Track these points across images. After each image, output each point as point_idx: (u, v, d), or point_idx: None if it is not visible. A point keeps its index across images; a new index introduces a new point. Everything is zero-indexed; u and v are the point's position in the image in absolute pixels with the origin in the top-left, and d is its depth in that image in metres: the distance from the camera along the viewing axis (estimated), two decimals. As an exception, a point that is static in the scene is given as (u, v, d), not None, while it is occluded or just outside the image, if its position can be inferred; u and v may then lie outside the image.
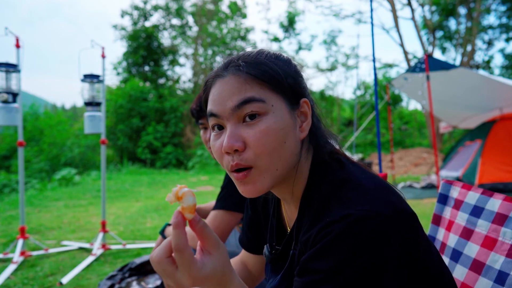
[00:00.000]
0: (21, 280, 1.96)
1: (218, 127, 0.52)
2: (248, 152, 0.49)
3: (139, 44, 12.50)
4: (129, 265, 1.94)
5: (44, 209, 4.22)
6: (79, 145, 11.28)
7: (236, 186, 0.53)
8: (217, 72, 0.54)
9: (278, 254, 0.60)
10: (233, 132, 0.49)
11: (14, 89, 2.26)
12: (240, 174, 0.50)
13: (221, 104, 0.50)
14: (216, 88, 0.52)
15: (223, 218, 1.06)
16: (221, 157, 0.52)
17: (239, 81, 0.50)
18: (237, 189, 1.11)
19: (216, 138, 0.52)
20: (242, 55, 0.54)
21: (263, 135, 0.48)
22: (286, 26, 13.35)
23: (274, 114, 0.49)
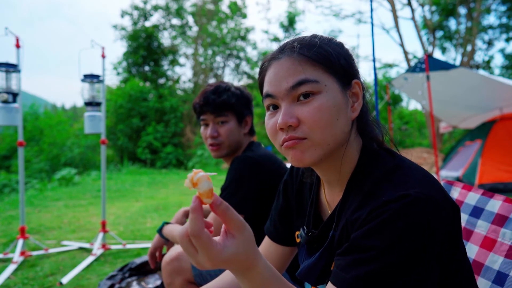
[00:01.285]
0: (21, 280, 1.96)
1: (273, 107, 0.56)
2: (302, 127, 0.52)
3: (139, 44, 12.50)
4: (129, 265, 1.94)
5: (44, 209, 4.22)
6: (79, 145, 11.28)
7: (287, 158, 0.55)
8: (273, 55, 0.57)
9: (316, 236, 0.61)
10: (288, 109, 0.53)
11: (14, 89, 2.26)
12: (291, 142, 0.52)
13: (277, 85, 0.54)
14: (271, 70, 0.56)
15: (218, 219, 1.03)
16: (274, 134, 0.55)
17: (294, 62, 0.53)
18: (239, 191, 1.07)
19: (271, 117, 0.56)
20: (297, 39, 0.57)
21: (316, 112, 0.51)
22: (286, 26, 13.34)
23: (327, 93, 0.52)
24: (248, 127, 1.22)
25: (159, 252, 1.18)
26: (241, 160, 1.10)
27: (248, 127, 1.22)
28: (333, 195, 0.61)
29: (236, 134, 1.18)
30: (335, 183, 0.60)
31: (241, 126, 1.20)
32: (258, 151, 1.16)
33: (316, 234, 0.61)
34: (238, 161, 1.11)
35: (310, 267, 0.57)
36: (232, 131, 1.17)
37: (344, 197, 0.56)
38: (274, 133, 0.55)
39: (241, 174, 1.07)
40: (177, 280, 1.09)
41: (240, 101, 1.18)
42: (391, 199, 0.45)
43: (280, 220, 0.73)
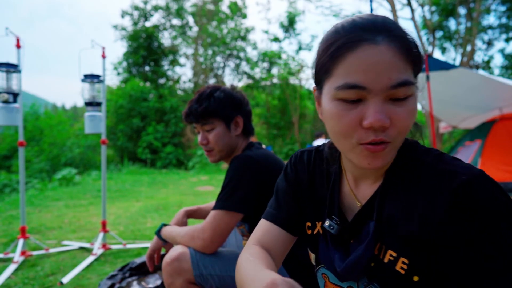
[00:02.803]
0: (21, 280, 1.96)
1: (352, 100, 0.47)
2: (392, 129, 0.47)
3: (139, 44, 12.51)
4: (130, 265, 1.94)
5: (45, 209, 4.23)
6: (79, 145, 11.29)
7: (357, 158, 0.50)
8: (363, 33, 0.46)
9: (349, 227, 0.57)
10: (382, 108, 0.46)
11: (14, 89, 2.26)
12: (379, 147, 0.47)
13: (375, 78, 0.45)
14: (366, 55, 0.45)
15: (223, 218, 1.03)
16: (351, 132, 0.48)
17: (396, 56, 0.45)
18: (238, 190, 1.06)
19: (348, 109, 0.47)
20: (385, 20, 0.48)
21: (409, 116, 0.47)
22: (286, 26, 13.34)
23: (415, 96, 0.49)
24: (240, 128, 1.19)
25: (157, 254, 1.18)
26: (240, 159, 1.09)
27: (239, 128, 1.19)
28: (362, 187, 0.58)
29: (225, 139, 1.16)
30: (368, 174, 0.57)
31: (231, 129, 1.17)
32: (258, 151, 1.15)
33: (349, 225, 0.57)
34: (237, 161, 1.10)
35: (356, 261, 0.52)
36: (221, 137, 1.15)
37: (384, 186, 0.53)
38: (352, 130, 0.48)
39: (241, 173, 1.06)
40: (177, 280, 1.08)
41: (225, 105, 1.15)
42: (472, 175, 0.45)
43: (290, 206, 0.67)
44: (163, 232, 1.15)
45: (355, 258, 0.52)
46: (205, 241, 1.02)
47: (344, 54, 0.46)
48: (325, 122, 0.53)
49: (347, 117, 0.47)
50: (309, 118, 13.73)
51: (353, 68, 0.46)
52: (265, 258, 0.59)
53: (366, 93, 0.46)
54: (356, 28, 0.46)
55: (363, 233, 0.54)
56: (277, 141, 13.11)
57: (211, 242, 1.02)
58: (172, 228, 1.13)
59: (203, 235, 1.02)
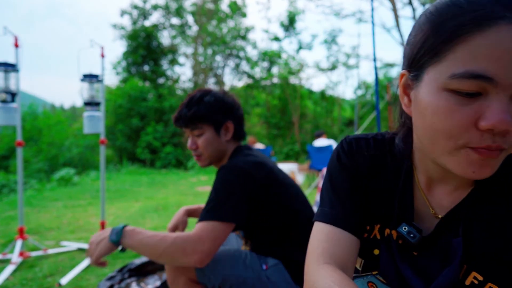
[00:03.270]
0: (19, 281, 1.94)
1: (470, 93, 0.37)
2: (510, 136, 0.38)
3: (138, 43, 12.48)
4: (129, 266, 1.93)
5: (43, 210, 4.21)
6: (78, 145, 11.26)
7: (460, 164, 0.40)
8: (499, 9, 0.35)
9: (429, 238, 0.49)
10: (508, 107, 0.36)
11: (12, 88, 2.24)
12: (494, 153, 0.38)
13: (507, 67, 0.35)
14: (501, 38, 0.34)
15: (215, 229, 0.96)
16: (462, 131, 0.38)
17: None
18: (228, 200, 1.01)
19: (462, 104, 0.38)
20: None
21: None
22: (287, 25, 13.33)
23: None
24: (230, 133, 1.16)
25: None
26: (227, 170, 1.04)
27: (230, 133, 1.16)
28: (438, 193, 0.50)
29: (215, 144, 1.14)
30: (449, 179, 0.48)
31: (220, 134, 1.15)
32: (245, 157, 1.09)
33: (429, 236, 0.49)
34: (224, 171, 1.04)
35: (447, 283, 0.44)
36: (210, 142, 1.13)
37: (473, 197, 0.45)
38: (463, 129, 0.38)
39: (228, 184, 1.01)
40: (180, 279, 1.08)
41: (214, 109, 1.12)
42: None
43: (353, 204, 0.55)
44: (127, 238, 0.95)
45: (444, 281, 0.44)
46: (203, 253, 0.93)
47: (471, 34, 0.36)
48: (418, 116, 0.43)
49: (459, 114, 0.38)
50: (309, 118, 13.73)
51: (480, 53, 0.35)
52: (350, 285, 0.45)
53: (490, 87, 0.36)
54: (489, 0, 0.35)
55: (438, 248, 0.47)
56: (277, 141, 13.10)
57: (209, 254, 0.94)
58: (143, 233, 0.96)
59: (202, 247, 0.93)
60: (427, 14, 0.41)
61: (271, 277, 1.03)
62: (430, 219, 0.50)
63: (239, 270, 1.03)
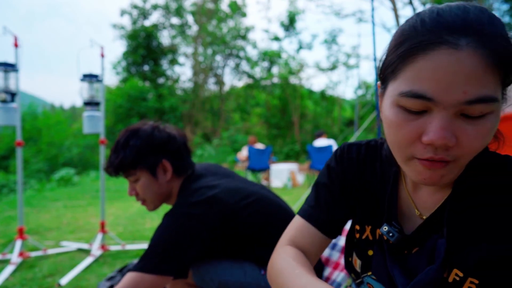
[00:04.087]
0: (19, 281, 1.94)
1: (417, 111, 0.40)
2: (456, 149, 0.40)
3: (138, 43, 12.48)
4: (128, 266, 1.92)
5: (43, 210, 4.20)
6: (78, 145, 11.26)
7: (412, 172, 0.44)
8: (442, 34, 0.37)
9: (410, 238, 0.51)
10: (449, 124, 0.38)
11: (12, 88, 2.24)
12: (438, 164, 0.41)
13: (447, 90, 0.37)
14: (440, 61, 0.37)
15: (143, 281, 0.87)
16: (408, 144, 0.42)
17: (481, 66, 0.36)
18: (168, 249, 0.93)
19: (409, 120, 0.41)
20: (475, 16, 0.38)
21: (482, 136, 0.39)
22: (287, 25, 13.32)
23: (497, 113, 0.40)
24: (169, 172, 1.04)
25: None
26: (171, 218, 0.94)
27: (169, 171, 1.04)
28: (422, 195, 0.52)
29: (154, 188, 1.03)
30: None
31: (158, 176, 1.03)
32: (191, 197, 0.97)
33: (411, 236, 0.51)
34: (168, 219, 0.94)
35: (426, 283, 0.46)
36: (147, 186, 1.02)
37: (454, 199, 0.47)
38: (410, 142, 0.42)
39: (172, 234, 0.91)
40: (178, 284, 1.08)
41: (143, 153, 1.00)
42: None
43: (334, 206, 0.60)
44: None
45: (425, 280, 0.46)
46: None
47: (416, 56, 0.39)
48: (384, 126, 0.47)
49: (406, 129, 0.41)
50: (309, 118, 13.73)
51: (422, 75, 0.38)
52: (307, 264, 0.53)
53: (433, 105, 0.39)
54: (439, 25, 0.38)
55: (425, 248, 0.49)
56: (277, 141, 13.10)
57: None
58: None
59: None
60: (396, 32, 0.44)
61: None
62: (416, 220, 0.52)
63: (237, 276, 1.01)
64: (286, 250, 0.57)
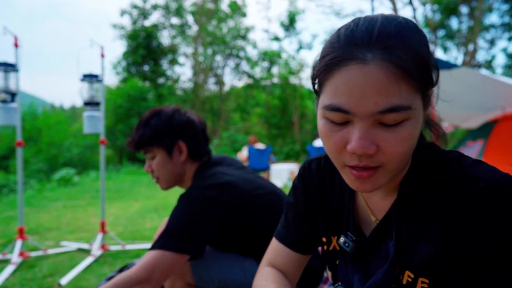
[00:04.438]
0: (19, 281, 1.94)
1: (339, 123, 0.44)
2: (379, 155, 0.42)
3: (138, 43, 12.48)
4: (129, 266, 1.92)
5: (43, 210, 4.20)
6: (78, 145, 11.26)
7: (347, 179, 0.47)
8: (352, 50, 0.40)
9: (365, 245, 0.53)
10: (367, 133, 0.41)
11: (12, 88, 2.24)
12: (365, 173, 0.43)
13: (360, 102, 0.40)
14: (352, 76, 0.40)
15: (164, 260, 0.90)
16: (338, 153, 0.45)
17: (389, 77, 0.39)
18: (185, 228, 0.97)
19: (335, 131, 0.44)
20: (385, 30, 0.40)
21: (401, 142, 0.42)
22: (287, 25, 13.32)
23: (415, 119, 0.42)
24: (184, 154, 1.09)
25: None
26: (186, 198, 0.98)
27: (184, 153, 1.09)
28: (376, 201, 0.54)
29: (168, 167, 1.08)
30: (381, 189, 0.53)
31: (173, 156, 1.09)
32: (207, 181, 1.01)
33: (365, 243, 0.53)
34: (184, 199, 0.98)
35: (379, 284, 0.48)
36: (163, 165, 1.08)
37: (400, 202, 0.49)
38: (338, 151, 0.44)
39: (187, 214, 0.95)
40: (177, 283, 1.07)
41: (162, 132, 1.07)
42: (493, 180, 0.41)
43: (300, 224, 0.64)
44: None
45: (375, 283, 0.48)
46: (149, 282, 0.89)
47: (332, 71, 0.42)
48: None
49: (332, 139, 0.44)
50: (309, 118, 13.71)
51: (338, 89, 0.41)
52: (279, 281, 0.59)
53: (351, 117, 0.42)
54: (349, 42, 0.41)
55: (382, 252, 0.51)
56: (277, 141, 13.10)
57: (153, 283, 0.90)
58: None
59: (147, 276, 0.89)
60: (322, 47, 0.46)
61: None
62: (373, 226, 0.54)
63: (236, 274, 1.01)
64: (264, 273, 0.63)
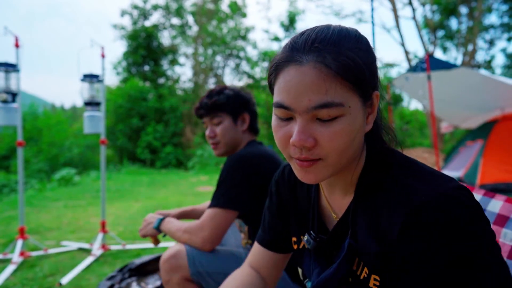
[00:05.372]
0: (20, 280, 1.95)
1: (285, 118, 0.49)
2: (318, 148, 0.47)
3: (138, 43, 12.49)
4: (129, 266, 1.93)
5: (44, 210, 4.21)
6: (78, 145, 11.27)
7: (295, 171, 0.52)
8: (293, 54, 0.46)
9: (326, 242, 0.57)
10: (305, 128, 0.46)
11: (13, 89, 2.25)
12: (305, 163, 0.48)
13: (295, 99, 0.46)
14: (290, 76, 0.46)
15: (216, 216, 1.05)
16: (284, 145, 0.50)
17: (320, 76, 0.44)
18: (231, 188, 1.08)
19: (281, 126, 0.49)
20: (322, 37, 0.46)
21: (336, 136, 0.46)
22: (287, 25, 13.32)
23: (350, 116, 0.46)
24: (246, 124, 1.24)
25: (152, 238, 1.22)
26: (232, 158, 1.12)
27: (246, 124, 1.24)
28: (336, 199, 0.58)
29: (231, 132, 1.21)
30: (339, 188, 0.57)
31: (237, 124, 1.22)
32: (254, 149, 1.16)
33: (326, 240, 0.57)
34: (230, 160, 1.12)
35: (328, 278, 0.52)
36: (228, 130, 1.20)
37: (355, 201, 0.53)
38: (284, 144, 0.50)
39: (233, 172, 1.09)
40: (174, 277, 1.09)
41: (233, 101, 1.21)
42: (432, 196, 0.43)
43: (274, 225, 0.69)
44: (162, 225, 1.16)
45: (326, 275, 0.53)
46: (203, 239, 1.04)
47: (278, 72, 0.48)
48: None
49: (279, 133, 0.50)
50: (309, 118, 13.67)
51: (281, 88, 0.47)
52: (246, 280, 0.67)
53: (293, 113, 0.47)
54: (290, 48, 0.47)
55: (341, 249, 0.54)
56: (277, 141, 13.09)
57: (210, 239, 1.04)
58: (171, 223, 1.15)
59: (202, 233, 1.04)
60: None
61: None
62: (334, 223, 0.58)
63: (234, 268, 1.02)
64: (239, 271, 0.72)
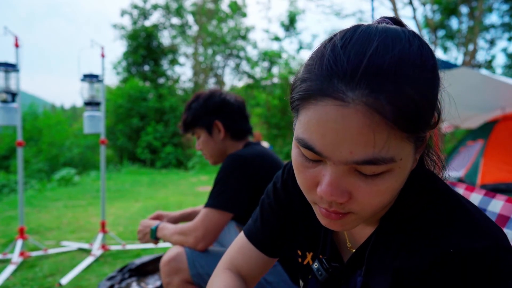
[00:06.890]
0: (20, 281, 1.94)
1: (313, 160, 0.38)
2: (352, 204, 0.38)
3: (138, 43, 12.49)
4: (129, 266, 1.92)
5: (44, 210, 4.21)
6: (78, 145, 11.27)
7: (318, 216, 0.42)
8: (333, 85, 0.33)
9: (340, 272, 0.50)
10: (339, 180, 0.36)
11: (13, 89, 2.24)
12: (334, 215, 0.39)
13: (333, 146, 0.34)
14: (328, 116, 0.33)
15: (213, 216, 1.05)
16: (308, 190, 0.40)
17: (371, 126, 0.32)
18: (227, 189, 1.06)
19: (307, 167, 0.38)
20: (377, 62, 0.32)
21: (377, 195, 0.37)
22: (287, 25, 13.32)
23: (398, 170, 0.36)
24: (222, 132, 1.20)
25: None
26: (228, 158, 1.12)
27: (221, 131, 1.20)
28: (358, 228, 0.50)
29: (210, 145, 1.21)
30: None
31: (213, 134, 1.21)
32: (250, 150, 1.16)
33: (340, 269, 0.50)
34: (226, 160, 1.13)
35: None
36: (206, 143, 1.21)
37: (377, 236, 0.45)
38: (309, 189, 0.40)
39: (228, 173, 1.09)
40: (175, 280, 1.08)
41: (200, 114, 1.19)
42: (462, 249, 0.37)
43: (273, 227, 0.60)
44: (158, 233, 1.18)
45: None
46: (196, 238, 1.05)
47: (308, 102, 0.35)
48: None
49: (304, 174, 0.39)
50: (309, 118, 13.68)
51: (311, 125, 0.35)
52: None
53: (325, 159, 0.36)
54: (329, 71, 0.33)
55: (351, 283, 0.49)
56: (277, 141, 13.10)
57: (203, 239, 1.05)
58: (166, 229, 1.15)
59: (195, 232, 1.05)
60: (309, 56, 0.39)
61: (269, 278, 1.02)
62: (348, 253, 0.51)
63: None
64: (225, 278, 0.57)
